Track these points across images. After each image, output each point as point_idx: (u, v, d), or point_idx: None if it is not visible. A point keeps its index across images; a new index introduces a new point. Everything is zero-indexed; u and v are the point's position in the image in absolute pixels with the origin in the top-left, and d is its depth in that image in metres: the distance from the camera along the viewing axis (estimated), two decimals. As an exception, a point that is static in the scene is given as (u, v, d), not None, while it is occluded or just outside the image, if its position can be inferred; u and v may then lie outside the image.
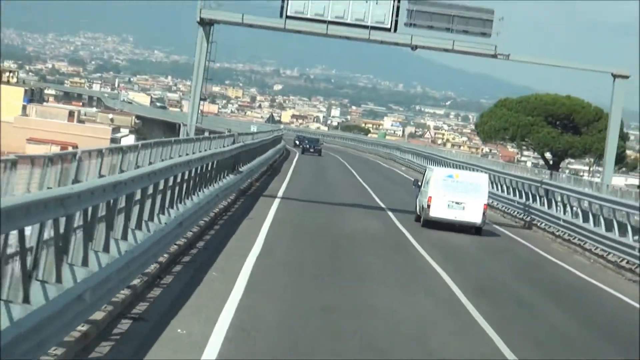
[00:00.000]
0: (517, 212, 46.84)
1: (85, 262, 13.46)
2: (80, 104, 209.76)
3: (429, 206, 37.17)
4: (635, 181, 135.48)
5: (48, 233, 12.04)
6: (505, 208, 49.38)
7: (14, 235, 10.59)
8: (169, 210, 21.39)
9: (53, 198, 11.53)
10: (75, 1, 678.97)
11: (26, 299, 11.01)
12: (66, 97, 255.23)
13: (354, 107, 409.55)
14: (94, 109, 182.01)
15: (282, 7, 39.87)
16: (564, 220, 38.47)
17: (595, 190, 37.59)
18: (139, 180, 17.23)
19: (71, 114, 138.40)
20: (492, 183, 53.70)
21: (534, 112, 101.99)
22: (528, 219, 44.17)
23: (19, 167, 11.20)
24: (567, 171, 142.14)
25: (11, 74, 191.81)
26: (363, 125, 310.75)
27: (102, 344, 13.43)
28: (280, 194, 44.02)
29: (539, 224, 42.28)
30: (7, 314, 10.49)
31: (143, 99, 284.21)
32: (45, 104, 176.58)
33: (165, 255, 20.43)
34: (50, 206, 11.39)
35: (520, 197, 46.98)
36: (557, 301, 23.72)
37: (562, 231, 38.42)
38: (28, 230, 11.08)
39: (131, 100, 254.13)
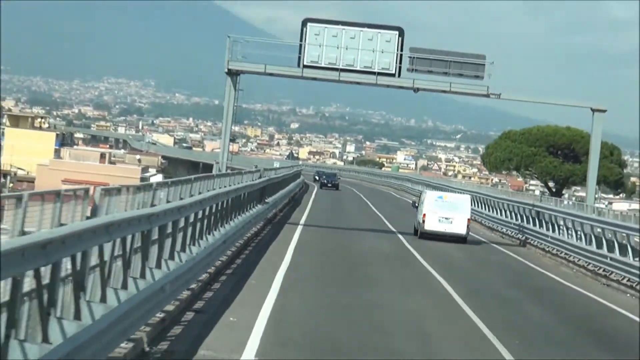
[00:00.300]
0: (514, 233, 50.67)
1: (158, 265, 17.42)
2: (107, 146, 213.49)
3: (423, 221, 43.56)
4: (637, 206, 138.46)
5: (135, 242, 16.02)
6: (504, 229, 53.17)
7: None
8: (213, 232, 25.36)
9: (144, 215, 15.58)
10: (97, 48, 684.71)
11: (124, 286, 14.93)
12: (93, 140, 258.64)
13: (368, 143, 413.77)
14: (122, 151, 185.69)
15: (299, 58, 43.78)
16: (552, 237, 42.33)
17: (579, 210, 41.53)
18: (194, 205, 21.24)
19: (102, 155, 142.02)
20: (491, 208, 57.81)
21: (536, 143, 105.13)
22: (523, 237, 48.00)
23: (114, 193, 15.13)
24: (573, 198, 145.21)
25: (42, 120, 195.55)
26: (377, 159, 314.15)
27: (175, 327, 17.33)
28: (302, 221, 47.78)
29: (532, 242, 46.07)
30: (117, 299, 14.21)
31: (167, 140, 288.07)
32: (75, 147, 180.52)
33: (213, 267, 24.39)
34: (142, 221, 15.43)
35: (516, 219, 50.83)
36: (537, 300, 27.44)
37: (550, 247, 42.23)
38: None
39: (155, 141, 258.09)
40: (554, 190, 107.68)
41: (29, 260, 9.72)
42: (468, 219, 43.99)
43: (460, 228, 43.51)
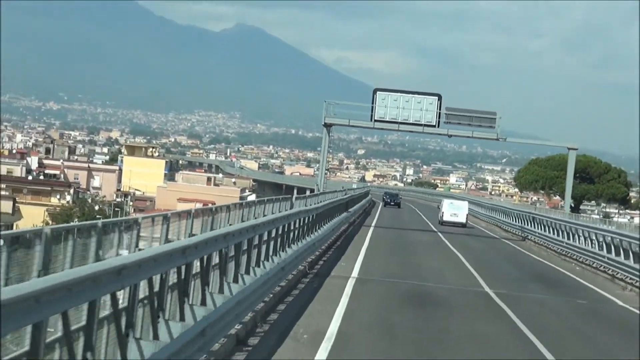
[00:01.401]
0: (518, 232, 64.74)
1: (305, 236, 31.74)
2: (202, 170, 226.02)
3: (442, 216, 65.84)
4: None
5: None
6: (513, 230, 67.11)
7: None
8: (323, 226, 39.46)
9: (304, 210, 29.99)
10: (189, 84, 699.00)
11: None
12: (190, 165, 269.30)
13: (425, 167, 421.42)
14: (220, 175, 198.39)
15: (371, 115, 58.00)
16: (539, 233, 56.23)
17: (555, 214, 55.39)
18: (319, 208, 35.67)
19: (209, 179, 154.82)
20: (507, 215, 71.87)
21: (558, 167, 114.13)
22: (524, 235, 62.00)
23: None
24: (601, 214, 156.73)
25: (153, 149, 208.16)
26: (432, 181, 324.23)
27: (315, 266, 31.59)
28: (373, 224, 62.00)
29: (529, 238, 59.89)
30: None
31: (252, 165, 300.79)
32: (181, 172, 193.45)
33: (326, 244, 38.68)
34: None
35: (519, 222, 64.86)
36: (514, 265, 41.44)
37: (539, 239, 56.03)
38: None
39: (243, 166, 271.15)
40: (572, 205, 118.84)
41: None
42: (466, 214, 66.82)
43: (461, 219, 66.09)
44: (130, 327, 10.72)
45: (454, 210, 66.23)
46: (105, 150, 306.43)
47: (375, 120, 57.94)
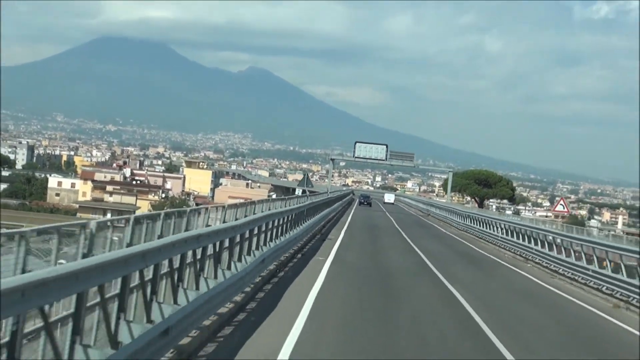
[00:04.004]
0: (426, 212, 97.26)
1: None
2: (230, 178, 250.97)
3: (384, 200, 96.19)
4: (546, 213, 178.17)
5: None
6: (425, 212, 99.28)
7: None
8: (320, 214, 71.18)
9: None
10: (214, 112, 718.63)
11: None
12: (220, 174, 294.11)
13: (390, 175, 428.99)
14: (250, 181, 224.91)
15: (353, 153, 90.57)
16: (433, 212, 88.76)
17: (439, 201, 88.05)
18: (325, 200, 68.13)
19: (247, 184, 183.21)
20: (423, 203, 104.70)
21: (469, 178, 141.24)
22: (428, 213, 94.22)
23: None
24: (494, 206, 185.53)
25: (203, 163, 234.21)
26: (394, 186, 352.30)
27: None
28: (353, 208, 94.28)
29: (430, 215, 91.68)
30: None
31: (264, 174, 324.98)
32: (222, 179, 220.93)
33: (333, 214, 70.90)
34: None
35: (426, 207, 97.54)
36: (416, 223, 73.86)
37: (436, 215, 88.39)
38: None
39: (259, 175, 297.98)
40: (478, 202, 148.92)
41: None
42: (394, 198, 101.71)
43: (391, 200, 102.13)
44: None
45: (388, 197, 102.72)
46: (159, 162, 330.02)
47: (355, 157, 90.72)
